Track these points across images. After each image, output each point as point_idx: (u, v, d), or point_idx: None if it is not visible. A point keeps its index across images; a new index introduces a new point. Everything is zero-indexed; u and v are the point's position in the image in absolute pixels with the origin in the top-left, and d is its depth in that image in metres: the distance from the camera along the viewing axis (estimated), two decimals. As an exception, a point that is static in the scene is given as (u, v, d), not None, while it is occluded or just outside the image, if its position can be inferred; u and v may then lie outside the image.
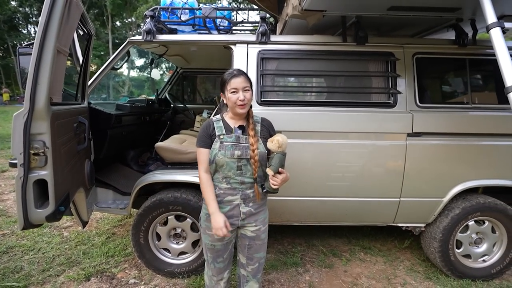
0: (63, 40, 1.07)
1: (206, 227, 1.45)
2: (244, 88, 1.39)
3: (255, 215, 1.46)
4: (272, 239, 2.76)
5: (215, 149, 1.38)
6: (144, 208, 2.06)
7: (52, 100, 1.04)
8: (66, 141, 1.28)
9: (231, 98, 1.38)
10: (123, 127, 2.42)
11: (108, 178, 2.34)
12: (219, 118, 1.47)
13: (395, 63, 2.02)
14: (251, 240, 1.47)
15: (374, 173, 2.02)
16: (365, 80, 2.10)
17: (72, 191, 1.38)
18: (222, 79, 1.43)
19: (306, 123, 1.97)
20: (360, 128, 1.97)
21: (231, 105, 1.39)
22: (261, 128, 1.47)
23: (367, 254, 2.56)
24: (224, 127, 1.43)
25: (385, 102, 2.03)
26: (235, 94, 1.37)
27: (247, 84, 1.41)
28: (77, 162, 1.54)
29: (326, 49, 2.03)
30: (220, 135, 1.39)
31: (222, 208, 1.41)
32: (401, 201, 2.07)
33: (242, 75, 1.40)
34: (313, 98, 2.12)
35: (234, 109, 1.39)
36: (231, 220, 1.43)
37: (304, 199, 2.07)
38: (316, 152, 1.99)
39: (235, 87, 1.37)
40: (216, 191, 1.42)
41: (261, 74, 2.00)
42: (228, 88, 1.38)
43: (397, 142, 1.99)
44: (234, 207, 1.42)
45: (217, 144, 1.38)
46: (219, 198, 1.41)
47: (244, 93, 1.38)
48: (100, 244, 2.58)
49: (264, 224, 1.51)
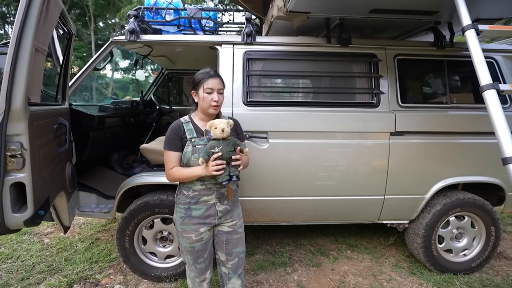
0: (41, 38, 1.03)
1: (183, 230, 1.44)
2: (219, 90, 1.40)
3: (231, 211, 1.49)
4: (260, 240, 2.77)
5: (188, 153, 1.37)
6: (129, 211, 2.01)
7: (30, 100, 1.01)
8: (46, 143, 1.23)
9: (206, 98, 1.38)
10: (106, 129, 2.36)
11: (91, 182, 2.27)
12: (187, 119, 1.45)
13: (378, 64, 2.08)
14: (228, 235, 1.49)
15: (359, 171, 2.05)
16: (349, 80, 2.14)
17: (52, 195, 1.33)
18: (197, 78, 1.42)
19: (292, 123, 1.98)
20: (345, 127, 2.01)
21: (204, 105, 1.39)
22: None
23: (354, 252, 2.60)
24: (194, 129, 1.42)
25: (369, 102, 2.08)
26: (210, 95, 1.38)
27: (222, 86, 1.43)
28: (58, 165, 1.49)
29: (311, 50, 2.06)
30: (192, 138, 1.39)
31: (198, 209, 1.42)
32: (386, 199, 2.12)
33: (218, 77, 1.42)
34: (299, 98, 2.15)
35: (207, 109, 1.40)
36: (208, 220, 1.43)
37: (291, 198, 2.08)
38: (302, 152, 2.01)
39: (211, 87, 1.38)
40: (190, 193, 1.41)
41: (247, 75, 2.00)
42: (204, 87, 1.38)
43: (381, 141, 2.04)
44: (210, 207, 1.43)
45: (189, 147, 1.38)
46: (194, 200, 1.41)
47: (219, 95, 1.40)
48: (83, 250, 2.50)
49: (240, 218, 1.54)
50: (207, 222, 1.44)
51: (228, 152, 1.30)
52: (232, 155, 1.31)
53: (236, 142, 1.34)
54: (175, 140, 1.39)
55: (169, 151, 1.40)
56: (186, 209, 1.43)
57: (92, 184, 2.24)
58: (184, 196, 1.43)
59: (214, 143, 1.30)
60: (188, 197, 1.42)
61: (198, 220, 1.43)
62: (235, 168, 1.32)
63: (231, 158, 1.30)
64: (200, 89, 1.39)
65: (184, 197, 1.43)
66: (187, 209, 1.43)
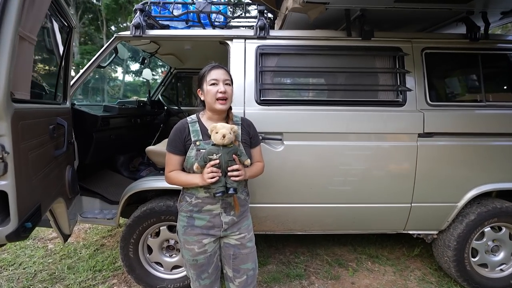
0: (28, 25, 0.90)
1: (185, 241, 1.29)
2: (225, 80, 1.26)
3: (238, 223, 1.34)
4: (273, 248, 2.59)
5: (191, 157, 1.24)
6: (134, 218, 1.88)
7: (13, 96, 0.88)
8: (37, 145, 1.10)
9: (210, 91, 1.24)
10: (111, 130, 2.25)
11: (94, 186, 2.15)
12: (194, 119, 1.32)
13: (404, 59, 1.89)
14: (236, 249, 1.33)
15: (383, 177, 1.87)
16: (372, 77, 1.95)
17: (46, 203, 1.21)
18: (200, 73, 1.30)
19: (309, 123, 1.81)
20: (367, 128, 1.83)
21: (209, 99, 1.25)
22: (241, 131, 1.34)
23: (375, 263, 2.40)
24: (201, 130, 1.28)
25: (394, 101, 1.89)
26: (215, 86, 1.24)
27: (228, 77, 1.29)
28: (55, 169, 1.37)
29: (330, 44, 1.89)
30: (196, 141, 1.25)
31: (201, 219, 1.28)
32: (413, 207, 1.92)
33: (223, 68, 1.29)
34: (317, 96, 1.97)
35: (214, 104, 1.25)
36: (212, 231, 1.29)
37: (308, 206, 1.91)
38: (320, 155, 1.84)
39: (216, 78, 1.25)
40: (193, 200, 1.27)
41: (260, 71, 1.84)
42: (208, 79, 1.25)
43: (408, 143, 1.84)
44: (215, 217, 1.28)
45: (193, 151, 1.24)
46: (196, 208, 1.27)
47: (225, 86, 1.25)
48: (87, 257, 2.39)
49: (249, 231, 1.37)
50: (211, 233, 1.29)
51: (227, 161, 1.16)
52: (231, 165, 1.17)
53: (237, 151, 1.20)
54: (177, 142, 1.26)
55: (170, 154, 1.27)
56: (188, 217, 1.29)
57: (95, 189, 2.12)
58: (186, 203, 1.29)
59: (213, 149, 1.16)
60: (190, 204, 1.28)
61: (201, 230, 1.28)
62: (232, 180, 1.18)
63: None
64: (205, 83, 1.26)
65: (186, 204, 1.29)
66: (190, 218, 1.29)
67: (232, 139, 1.17)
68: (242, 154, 1.21)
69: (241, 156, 1.21)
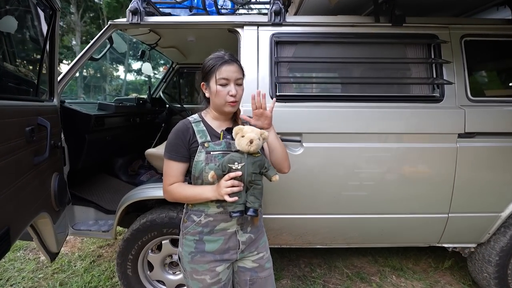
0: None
1: (193, 271, 1.06)
2: (237, 80, 1.04)
3: (256, 241, 1.12)
4: (285, 260, 2.36)
5: (200, 162, 1.01)
6: (132, 231, 1.65)
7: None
8: (6, 151, 0.88)
9: (220, 92, 1.02)
10: (106, 131, 2.02)
11: (89, 193, 1.93)
12: (197, 118, 1.10)
13: (440, 47, 1.64)
14: (253, 272, 1.11)
15: (417, 184, 1.63)
16: (403, 69, 1.71)
17: (19, 224, 0.98)
18: (207, 65, 1.06)
19: (332, 123, 1.57)
20: (399, 128, 1.58)
21: (218, 101, 1.04)
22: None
23: (400, 277, 2.16)
24: (208, 131, 1.06)
25: (430, 96, 1.65)
26: (226, 87, 1.02)
27: (241, 75, 1.06)
28: (34, 179, 1.14)
29: (355, 32, 1.64)
30: (205, 142, 1.03)
31: (213, 241, 1.05)
32: (450, 217, 1.68)
33: (235, 63, 1.06)
34: (341, 91, 1.72)
35: (222, 107, 1.04)
36: (227, 255, 1.07)
37: (330, 217, 1.67)
38: (345, 159, 1.60)
39: (227, 77, 1.02)
40: (202, 219, 1.05)
41: (275, 63, 1.60)
42: (217, 77, 1.02)
43: (446, 144, 1.60)
44: (230, 237, 1.06)
45: (201, 155, 1.02)
46: (207, 228, 1.05)
47: (237, 87, 1.03)
48: (82, 270, 2.16)
49: (267, 249, 1.17)
50: (225, 258, 1.07)
51: (251, 174, 0.93)
52: (255, 179, 0.94)
53: (265, 164, 0.97)
54: (180, 146, 1.03)
55: (170, 161, 1.04)
56: (197, 241, 1.06)
57: (89, 196, 1.89)
58: (194, 224, 1.06)
59: (236, 157, 0.94)
60: (199, 224, 1.05)
61: (214, 256, 1.06)
62: (255, 198, 0.95)
63: (253, 182, 0.94)
64: (212, 80, 1.03)
65: (194, 225, 1.06)
66: (199, 242, 1.06)
67: (260, 146, 0.94)
68: (270, 168, 0.98)
69: (269, 171, 0.97)
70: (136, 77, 19.71)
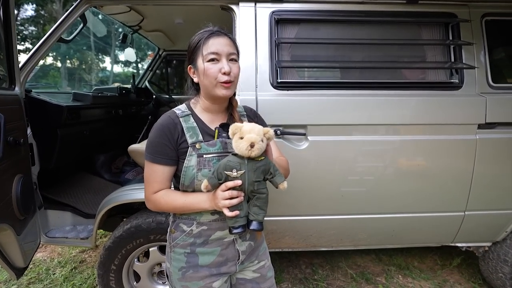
0: None
1: None
2: (229, 54, 0.83)
3: (256, 249, 0.98)
4: (285, 261, 2.21)
5: (191, 168, 0.82)
6: (114, 239, 1.45)
7: None
8: None
9: (209, 70, 0.81)
10: (83, 124, 1.78)
11: (65, 195, 1.71)
12: (186, 111, 0.89)
13: (459, 28, 1.46)
14: (255, 284, 0.97)
15: (431, 180, 1.48)
16: (419, 51, 1.53)
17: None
18: (192, 43, 0.86)
19: (341, 113, 1.39)
20: (412, 118, 1.42)
21: (207, 82, 0.83)
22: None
23: (407, 277, 2.04)
24: (199, 127, 0.86)
25: (447, 82, 1.48)
26: (216, 64, 0.81)
27: (234, 49, 0.85)
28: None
29: (366, 10, 1.45)
30: (196, 143, 0.83)
31: (208, 254, 0.88)
32: (466, 216, 1.54)
33: (226, 35, 0.85)
34: (349, 78, 1.54)
35: (213, 90, 0.83)
36: (224, 268, 0.90)
37: (337, 218, 1.51)
38: (354, 154, 1.43)
39: (216, 51, 0.81)
40: (194, 228, 0.87)
41: (276, 45, 1.40)
42: (204, 53, 0.81)
43: (464, 136, 1.45)
44: (227, 247, 0.90)
45: (192, 158, 0.82)
46: (200, 239, 0.87)
47: (231, 63, 0.83)
48: (61, 279, 1.95)
49: (267, 256, 1.02)
50: (223, 272, 0.90)
51: (252, 183, 0.74)
52: (258, 188, 0.76)
53: (270, 169, 0.77)
54: (165, 146, 0.83)
55: (154, 164, 0.84)
56: (188, 254, 0.88)
57: (66, 199, 1.68)
58: (184, 235, 0.88)
59: (234, 163, 0.74)
60: (191, 235, 0.88)
61: (210, 270, 0.89)
62: (258, 209, 0.78)
63: (256, 192, 0.76)
64: (199, 58, 0.83)
65: (184, 236, 0.88)
66: (191, 255, 0.88)
67: (264, 149, 0.74)
68: (277, 174, 0.78)
69: (275, 177, 0.77)
70: (124, 68, 19.05)
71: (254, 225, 0.77)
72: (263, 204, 0.78)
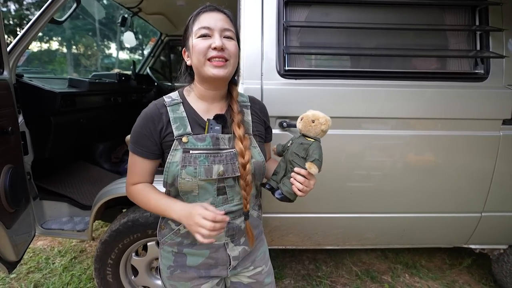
0: None
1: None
2: (224, 30, 0.73)
3: (251, 253, 0.91)
4: (287, 256, 2.15)
5: (175, 164, 0.73)
6: (111, 233, 1.39)
7: None
8: None
9: (197, 46, 0.71)
10: (79, 112, 1.70)
11: (62, 186, 1.66)
12: (176, 99, 0.80)
13: (488, 12, 1.32)
14: None
15: (448, 178, 1.38)
16: (441, 38, 1.40)
17: None
18: (186, 23, 0.78)
19: (352, 105, 1.29)
20: (431, 112, 1.30)
21: (196, 60, 0.73)
22: (252, 117, 0.85)
23: (414, 276, 1.97)
24: (189, 117, 0.77)
25: (470, 73, 1.35)
26: (207, 40, 0.71)
27: (230, 26, 0.75)
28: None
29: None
30: (183, 135, 0.74)
31: (196, 255, 0.82)
32: (483, 217, 1.45)
33: (220, 11, 0.75)
34: (364, 66, 1.42)
35: (203, 69, 0.73)
36: (215, 271, 0.84)
37: (345, 216, 1.43)
38: (365, 149, 1.33)
39: (207, 26, 0.71)
40: (182, 227, 0.81)
41: (284, 28, 1.28)
42: (194, 28, 0.72)
43: (486, 132, 1.33)
44: (217, 250, 0.82)
45: (177, 153, 0.74)
46: (188, 239, 0.81)
47: (226, 40, 0.72)
48: (61, 269, 1.93)
49: (266, 261, 0.93)
50: (212, 274, 0.84)
51: (293, 153, 0.79)
52: (295, 161, 0.79)
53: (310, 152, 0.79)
54: (145, 138, 0.75)
55: (134, 155, 0.78)
56: (176, 254, 0.83)
57: (62, 189, 1.62)
58: (172, 233, 0.82)
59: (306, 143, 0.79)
60: (178, 234, 0.81)
61: (198, 272, 0.82)
62: (288, 182, 0.78)
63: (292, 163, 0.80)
64: (190, 36, 0.74)
65: (172, 235, 0.82)
66: (178, 255, 0.82)
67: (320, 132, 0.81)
68: (314, 157, 0.77)
69: (310, 158, 0.77)
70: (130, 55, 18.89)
71: (278, 194, 0.80)
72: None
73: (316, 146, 0.78)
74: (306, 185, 0.75)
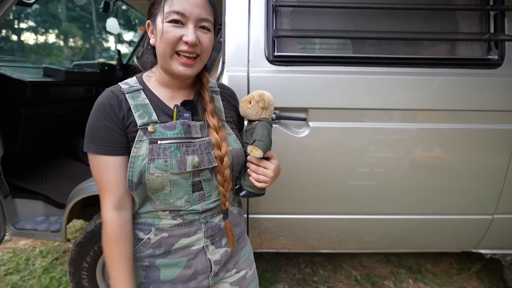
0: None
1: None
2: (201, 20, 0.61)
3: (234, 254, 0.80)
4: (282, 259, 2.03)
5: (141, 158, 0.61)
6: (86, 234, 1.28)
7: None
8: None
9: (166, 34, 0.59)
10: (55, 103, 1.59)
11: (37, 183, 1.54)
12: (135, 85, 0.68)
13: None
14: None
15: (454, 176, 1.24)
16: (450, 20, 1.25)
17: None
18: None
19: (349, 94, 1.15)
20: (434, 102, 1.17)
21: (162, 50, 0.61)
22: (223, 103, 0.75)
23: (418, 281, 1.83)
24: (152, 105, 0.65)
25: (483, 59, 1.21)
26: (178, 28, 0.59)
27: (207, 15, 0.62)
28: None
29: (386, -34, 1.17)
30: (148, 124, 0.63)
31: (170, 266, 0.70)
32: (494, 220, 1.31)
33: None
34: (362, 51, 1.28)
35: (168, 62, 0.62)
36: (194, 283, 0.71)
37: (342, 217, 1.30)
38: (364, 144, 1.20)
39: (182, 11, 0.58)
40: (152, 236, 0.67)
41: (273, 9, 1.15)
42: (165, 9, 0.59)
43: (500, 125, 1.20)
44: (196, 257, 0.70)
45: (142, 145, 0.62)
46: (161, 249, 0.68)
47: (200, 32, 0.61)
48: (40, 271, 1.82)
49: (250, 263, 0.83)
50: (193, 286, 0.71)
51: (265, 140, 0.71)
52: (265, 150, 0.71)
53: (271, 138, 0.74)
54: (109, 129, 0.62)
55: (99, 156, 0.63)
56: (146, 268, 0.70)
57: (37, 187, 1.51)
58: (142, 244, 0.69)
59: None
60: (148, 244, 0.69)
61: (174, 286, 0.70)
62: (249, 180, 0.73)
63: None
64: (159, 15, 0.60)
65: (140, 246, 0.69)
66: (150, 269, 0.70)
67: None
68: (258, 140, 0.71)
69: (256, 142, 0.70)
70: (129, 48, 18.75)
71: (241, 191, 0.75)
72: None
73: (259, 126, 0.72)
74: (261, 173, 0.69)
